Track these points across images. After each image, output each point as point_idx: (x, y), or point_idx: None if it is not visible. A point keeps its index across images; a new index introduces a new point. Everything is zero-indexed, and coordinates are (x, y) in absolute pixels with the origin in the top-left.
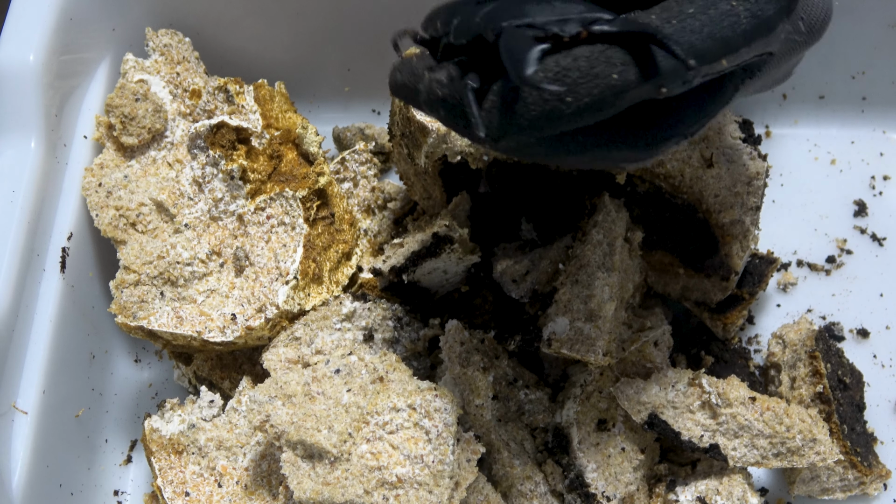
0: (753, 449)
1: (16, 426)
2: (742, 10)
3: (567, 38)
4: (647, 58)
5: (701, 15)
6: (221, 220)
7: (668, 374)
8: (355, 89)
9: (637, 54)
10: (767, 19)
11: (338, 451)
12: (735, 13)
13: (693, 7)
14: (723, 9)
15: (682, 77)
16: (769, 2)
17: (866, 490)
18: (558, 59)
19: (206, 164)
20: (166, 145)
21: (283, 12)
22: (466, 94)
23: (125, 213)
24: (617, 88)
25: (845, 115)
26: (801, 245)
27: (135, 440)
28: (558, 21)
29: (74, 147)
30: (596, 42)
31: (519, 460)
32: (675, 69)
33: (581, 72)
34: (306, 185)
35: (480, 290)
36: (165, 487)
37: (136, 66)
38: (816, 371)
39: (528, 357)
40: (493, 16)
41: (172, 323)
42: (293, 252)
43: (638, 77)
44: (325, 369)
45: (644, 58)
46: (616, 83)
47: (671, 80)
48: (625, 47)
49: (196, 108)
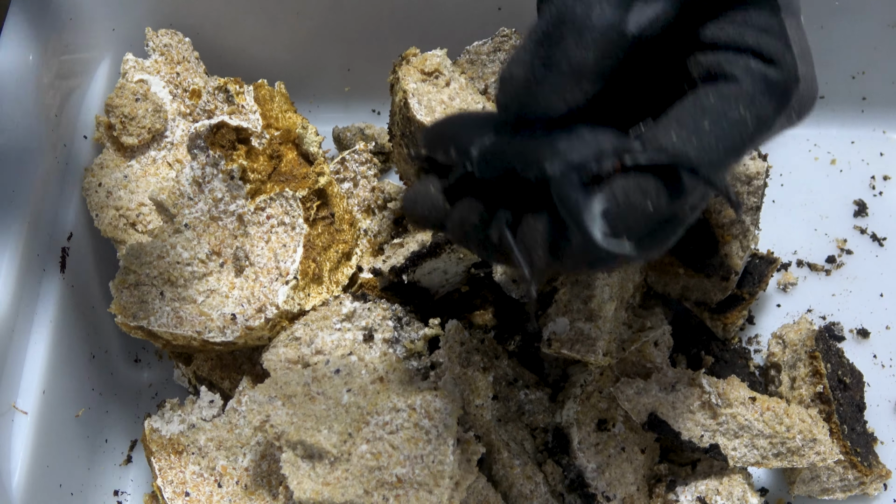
0: (753, 449)
1: (16, 426)
2: (749, 115)
3: (605, 175)
4: (674, 180)
5: (716, 128)
6: (221, 220)
7: (668, 374)
8: (355, 89)
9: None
10: (768, 119)
11: (338, 451)
12: (743, 121)
13: (708, 121)
14: (733, 118)
15: (704, 190)
16: (769, 102)
17: (866, 490)
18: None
19: (206, 164)
20: (166, 145)
21: (283, 12)
22: (505, 235)
23: (125, 213)
24: (652, 216)
25: (845, 115)
26: (801, 245)
27: (135, 440)
28: (596, 158)
29: (74, 147)
30: (628, 171)
31: (519, 460)
32: (696, 187)
33: (620, 205)
34: (306, 185)
35: (480, 290)
36: (165, 487)
37: (136, 66)
38: (816, 371)
39: (528, 357)
40: (528, 155)
41: (172, 323)
42: (293, 252)
43: (668, 200)
44: (325, 369)
45: (671, 179)
46: (651, 211)
47: (695, 196)
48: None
49: (196, 108)
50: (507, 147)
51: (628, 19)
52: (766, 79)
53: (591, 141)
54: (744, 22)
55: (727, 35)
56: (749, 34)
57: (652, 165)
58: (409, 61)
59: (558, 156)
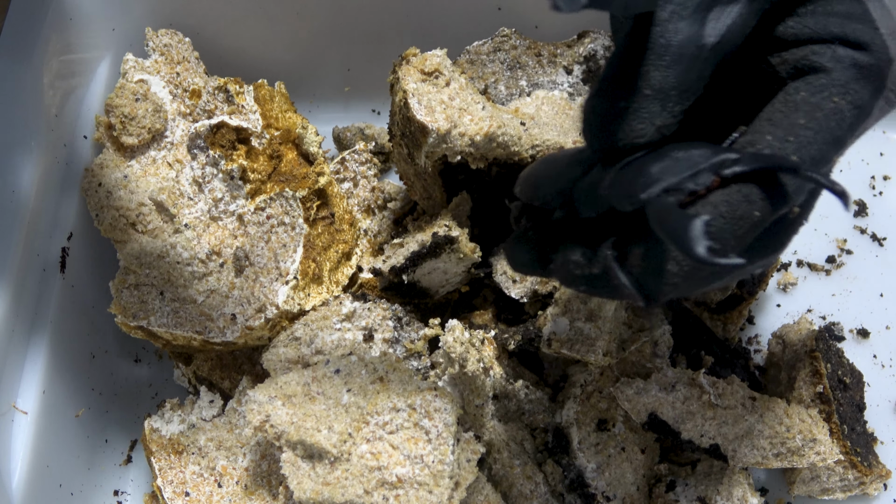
0: (753, 449)
1: (16, 426)
2: (844, 104)
3: (703, 190)
4: (776, 185)
5: (811, 122)
6: (221, 220)
7: (668, 374)
8: (355, 89)
9: (765, 183)
10: (866, 105)
11: (338, 451)
12: (839, 110)
13: (802, 116)
14: (828, 108)
15: (808, 189)
16: (864, 87)
17: (866, 490)
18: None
19: (206, 164)
20: (166, 145)
21: (283, 12)
22: (613, 269)
23: (125, 213)
24: (762, 220)
25: None
26: (801, 245)
27: (135, 440)
28: (691, 177)
29: (74, 147)
30: (728, 184)
31: (519, 460)
32: (801, 186)
33: (725, 218)
34: (306, 185)
35: (480, 290)
36: (165, 487)
37: (136, 66)
38: (816, 371)
39: (528, 357)
40: (623, 186)
41: (172, 323)
42: (293, 252)
43: (772, 205)
44: (325, 369)
45: (773, 185)
46: (759, 218)
47: (800, 196)
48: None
49: (196, 108)
50: (601, 182)
51: (705, 31)
52: (857, 64)
53: (684, 159)
54: (825, 11)
55: (810, 27)
56: (832, 22)
57: (752, 172)
58: (409, 61)
59: (651, 181)
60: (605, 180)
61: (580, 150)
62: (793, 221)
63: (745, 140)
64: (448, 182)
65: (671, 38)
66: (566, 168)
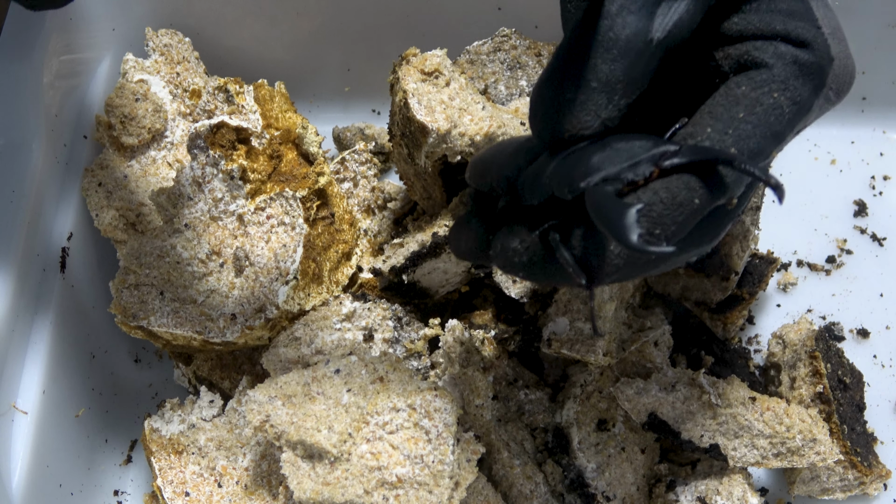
0: (753, 449)
1: (16, 426)
2: (783, 100)
3: (642, 181)
4: (714, 176)
5: (750, 116)
6: (221, 220)
7: (668, 374)
8: (355, 89)
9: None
10: (805, 102)
11: (338, 451)
12: (779, 105)
13: (742, 110)
14: (767, 103)
15: (745, 181)
16: (804, 84)
17: (866, 490)
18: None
19: (206, 164)
20: (166, 145)
21: (283, 12)
22: (561, 252)
23: (125, 213)
24: (699, 210)
25: (845, 115)
26: (801, 245)
27: (135, 440)
28: (630, 167)
29: (74, 147)
30: (668, 175)
31: (519, 460)
32: (739, 178)
33: (665, 203)
34: (306, 185)
35: (480, 290)
36: (165, 487)
37: (136, 66)
38: (816, 371)
39: (528, 357)
40: (564, 174)
41: (172, 323)
42: (293, 252)
43: (709, 195)
44: (325, 369)
45: (711, 175)
46: (698, 206)
47: (738, 188)
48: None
49: (196, 108)
50: (546, 170)
51: (653, 26)
52: (798, 61)
53: (625, 150)
54: (769, 9)
55: (754, 24)
56: (775, 20)
57: (690, 163)
58: (409, 61)
59: (591, 170)
60: (548, 169)
61: (528, 139)
62: (729, 212)
63: (686, 132)
64: (448, 182)
65: (619, 31)
66: (513, 155)
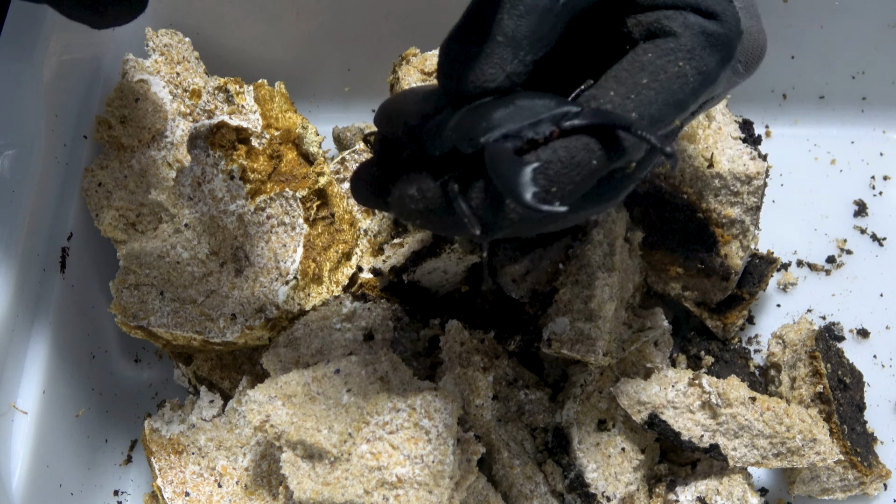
0: (753, 449)
1: (16, 426)
2: (689, 69)
3: (542, 139)
4: (614, 139)
5: (654, 83)
6: (221, 220)
7: (668, 374)
8: (355, 89)
9: (603, 137)
10: (711, 72)
11: (338, 451)
12: (683, 73)
13: (646, 76)
14: (672, 72)
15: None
16: (711, 55)
17: (866, 490)
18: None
19: (206, 164)
20: (166, 145)
21: (283, 12)
22: (458, 202)
23: (125, 213)
24: (597, 171)
25: (845, 115)
26: (801, 245)
27: (135, 440)
28: (531, 125)
29: (74, 147)
30: (568, 135)
31: (519, 460)
32: (638, 143)
33: (563, 163)
34: (306, 185)
35: (480, 290)
36: (165, 487)
37: (136, 66)
38: (816, 371)
39: (528, 357)
40: (466, 128)
41: (172, 323)
42: (293, 252)
43: (606, 158)
44: (325, 369)
45: (611, 139)
46: (595, 167)
47: (637, 153)
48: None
49: (196, 108)
50: (449, 122)
51: None
52: (706, 32)
53: (528, 108)
54: None
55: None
56: None
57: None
58: (409, 61)
59: (492, 125)
60: (452, 121)
61: (435, 89)
62: (628, 176)
63: (589, 94)
64: None
65: None
66: (419, 104)
